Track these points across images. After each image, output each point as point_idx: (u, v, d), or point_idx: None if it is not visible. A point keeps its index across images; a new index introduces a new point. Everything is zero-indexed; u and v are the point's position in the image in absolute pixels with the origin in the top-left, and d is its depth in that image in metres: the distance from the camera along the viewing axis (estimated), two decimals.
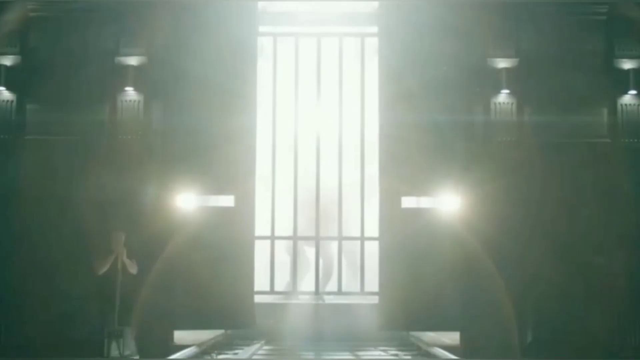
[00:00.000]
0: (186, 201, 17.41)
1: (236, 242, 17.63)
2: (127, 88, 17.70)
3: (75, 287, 16.70)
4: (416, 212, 17.69)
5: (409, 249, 17.45)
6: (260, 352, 15.50)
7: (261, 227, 19.03)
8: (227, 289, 17.22)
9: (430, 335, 17.79)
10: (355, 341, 16.73)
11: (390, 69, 18.05)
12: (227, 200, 17.75)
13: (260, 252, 19.02)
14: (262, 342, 16.74)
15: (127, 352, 14.52)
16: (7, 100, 17.70)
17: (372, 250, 18.72)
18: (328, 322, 17.64)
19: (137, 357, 14.94)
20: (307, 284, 19.38)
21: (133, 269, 15.41)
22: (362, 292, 18.79)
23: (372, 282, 18.71)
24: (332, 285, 19.27)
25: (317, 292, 18.79)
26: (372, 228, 18.93)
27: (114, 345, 14.39)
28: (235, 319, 17.35)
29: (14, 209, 17.37)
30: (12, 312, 17.07)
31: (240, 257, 17.65)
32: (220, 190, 17.76)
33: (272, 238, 19.00)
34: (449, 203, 17.38)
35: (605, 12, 18.06)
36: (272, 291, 18.64)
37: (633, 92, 17.85)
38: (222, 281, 17.17)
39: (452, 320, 17.17)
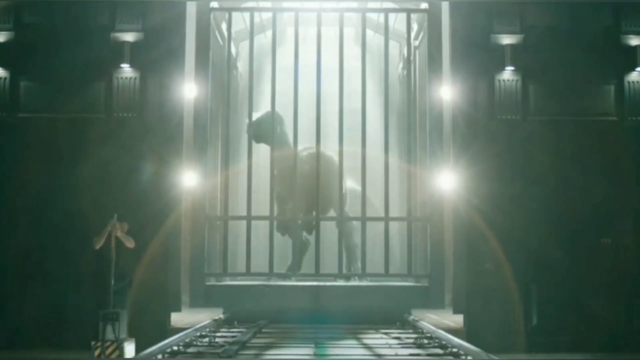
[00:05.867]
0: (185, 179, 17.33)
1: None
2: (123, 65, 17.34)
3: (70, 269, 16.52)
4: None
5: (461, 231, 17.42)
6: (260, 333, 15.24)
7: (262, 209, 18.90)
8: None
9: (432, 318, 17.57)
10: (355, 324, 16.46)
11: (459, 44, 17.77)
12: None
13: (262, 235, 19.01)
14: (262, 323, 16.47)
15: (122, 336, 14.21)
16: (0, 78, 17.35)
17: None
18: (328, 304, 17.41)
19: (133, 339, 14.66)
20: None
21: (130, 244, 15.14)
22: (364, 274, 18.59)
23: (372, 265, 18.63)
24: (332, 268, 19.07)
25: (317, 273, 18.52)
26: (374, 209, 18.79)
27: (109, 328, 14.06)
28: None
29: (7, 189, 17.07)
30: (7, 295, 16.80)
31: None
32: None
33: (271, 219, 18.74)
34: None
35: None
36: (270, 273, 18.35)
37: None
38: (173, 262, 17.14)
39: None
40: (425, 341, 13.98)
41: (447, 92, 17.74)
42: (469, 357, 11.92)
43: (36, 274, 16.73)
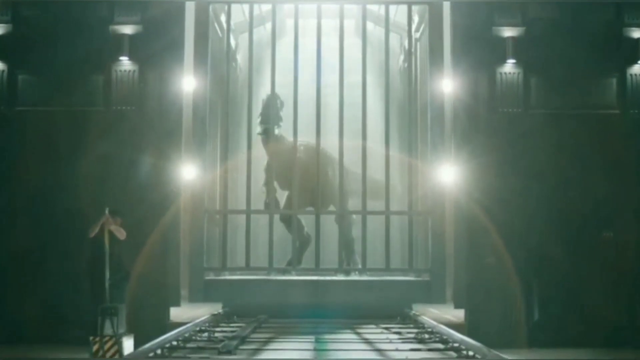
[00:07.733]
0: (185, 173, 17.31)
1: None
2: (121, 57, 17.23)
3: (68, 265, 16.43)
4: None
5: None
6: (259, 328, 15.15)
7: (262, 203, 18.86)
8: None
9: (433, 313, 17.49)
10: (355, 318, 16.37)
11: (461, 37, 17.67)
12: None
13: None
14: (261, 318, 16.39)
15: (121, 331, 14.12)
16: None
17: None
18: (329, 298, 17.32)
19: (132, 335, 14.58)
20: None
21: (121, 235, 15.05)
22: (364, 268, 18.51)
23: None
24: (332, 262, 18.99)
25: (317, 267, 18.41)
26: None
27: (107, 323, 13.97)
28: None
29: (5, 183, 16.98)
30: (6, 293, 16.76)
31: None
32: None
33: (271, 212, 18.66)
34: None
35: None
36: (270, 267, 18.26)
37: None
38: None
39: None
40: (426, 336, 13.91)
41: (448, 84, 17.68)
42: (470, 352, 11.83)
43: (34, 270, 16.70)
